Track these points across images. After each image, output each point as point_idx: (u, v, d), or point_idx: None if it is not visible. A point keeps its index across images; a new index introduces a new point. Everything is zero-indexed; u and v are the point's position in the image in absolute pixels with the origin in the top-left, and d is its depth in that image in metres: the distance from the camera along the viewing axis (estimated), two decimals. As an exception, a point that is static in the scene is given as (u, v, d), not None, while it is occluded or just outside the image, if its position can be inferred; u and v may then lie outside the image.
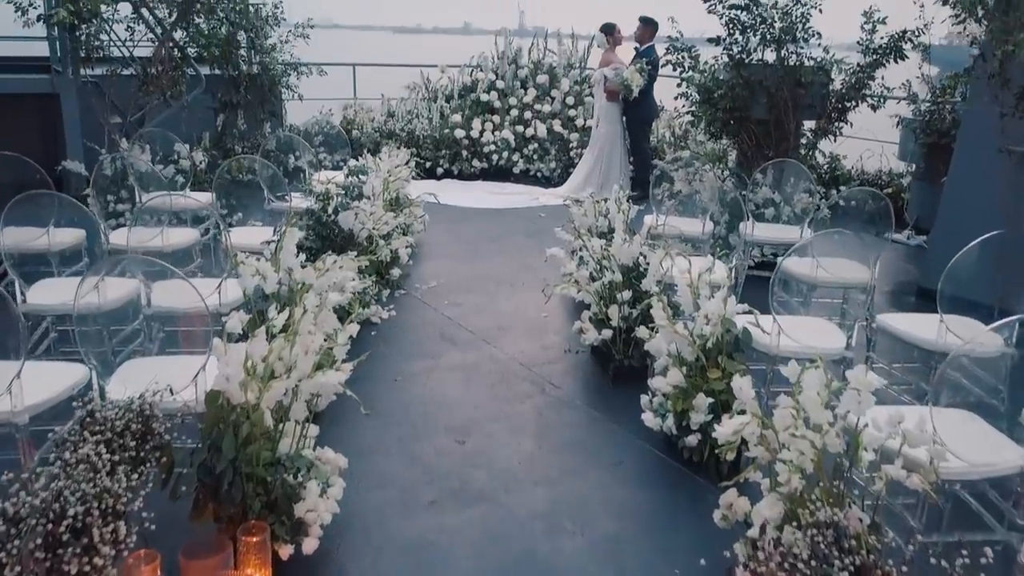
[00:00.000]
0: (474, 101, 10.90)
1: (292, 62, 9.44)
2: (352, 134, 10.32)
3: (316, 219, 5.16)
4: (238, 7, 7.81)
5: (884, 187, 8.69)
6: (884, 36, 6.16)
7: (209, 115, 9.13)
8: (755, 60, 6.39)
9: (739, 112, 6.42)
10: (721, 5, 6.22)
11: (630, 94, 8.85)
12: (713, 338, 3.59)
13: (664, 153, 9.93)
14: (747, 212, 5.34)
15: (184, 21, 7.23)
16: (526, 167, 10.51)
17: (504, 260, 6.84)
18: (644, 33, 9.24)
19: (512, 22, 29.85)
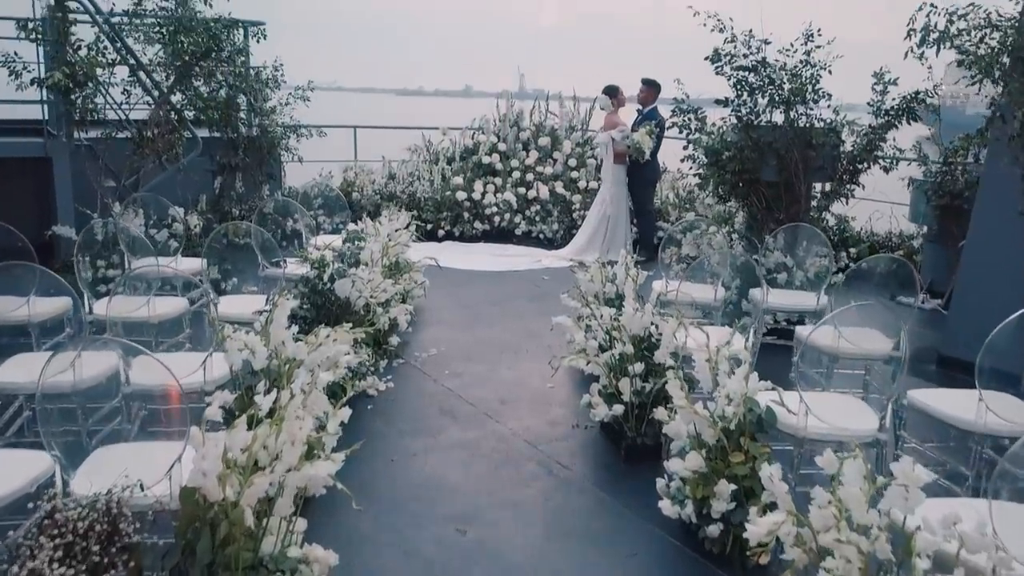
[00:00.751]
0: (476, 163, 10.81)
1: (292, 124, 9.36)
2: (352, 196, 10.20)
3: (311, 287, 4.93)
4: (238, 70, 7.73)
5: (895, 249, 8.52)
6: (896, 97, 6.03)
7: (207, 177, 9.01)
8: (764, 122, 6.25)
9: (748, 174, 6.26)
10: (729, 66, 6.10)
11: (641, 156, 8.74)
12: (735, 419, 3.32)
13: (668, 215, 9.78)
14: (762, 278, 5.12)
15: (182, 84, 7.13)
16: (528, 229, 10.36)
17: (507, 326, 6.60)
18: (647, 95, 9.17)
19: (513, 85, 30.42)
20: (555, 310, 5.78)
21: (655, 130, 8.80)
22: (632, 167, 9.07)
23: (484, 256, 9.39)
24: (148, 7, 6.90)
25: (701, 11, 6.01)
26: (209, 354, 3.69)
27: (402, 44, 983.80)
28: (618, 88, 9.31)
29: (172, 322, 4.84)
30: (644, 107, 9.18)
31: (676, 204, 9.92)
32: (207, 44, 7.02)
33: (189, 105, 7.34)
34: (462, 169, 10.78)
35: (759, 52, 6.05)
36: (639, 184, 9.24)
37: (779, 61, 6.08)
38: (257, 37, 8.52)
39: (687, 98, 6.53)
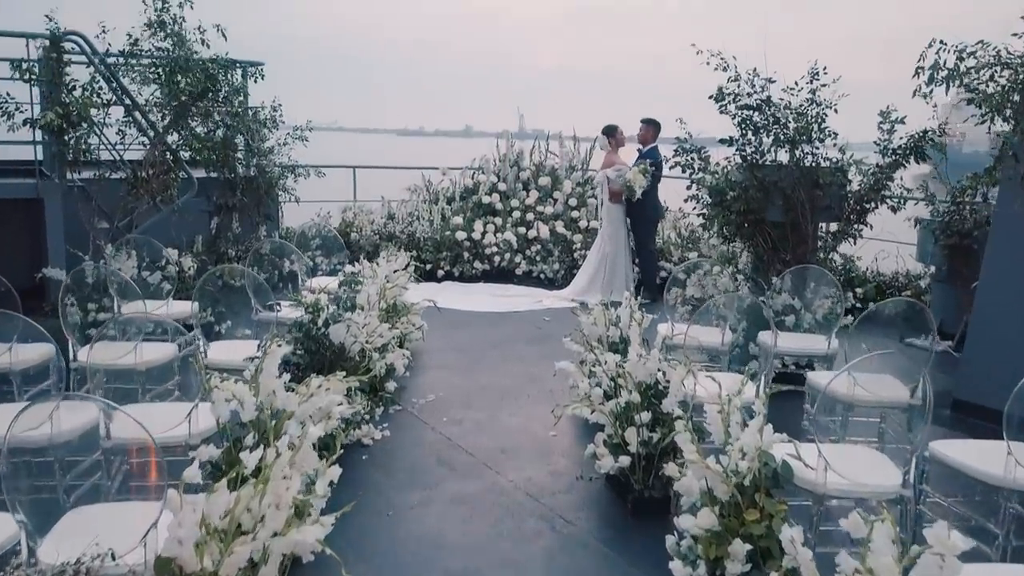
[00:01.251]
0: (476, 203, 10.71)
1: (290, 164, 9.27)
2: (351, 236, 10.08)
3: (305, 332, 4.77)
4: (235, 111, 7.65)
5: (902, 289, 8.37)
6: (903, 136, 5.93)
7: (203, 218, 8.89)
8: (769, 161, 6.13)
9: (753, 214, 6.13)
10: (733, 105, 6.01)
11: (633, 195, 8.64)
12: (750, 474, 3.14)
13: (671, 254, 9.65)
14: (771, 321, 4.95)
15: (179, 125, 7.04)
16: (529, 269, 10.22)
17: (507, 370, 6.42)
18: (646, 134, 9.10)
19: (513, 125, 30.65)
20: (557, 353, 5.62)
21: (649, 169, 8.69)
22: (633, 206, 8.96)
23: (484, 297, 9.24)
24: (144, 47, 6.82)
25: (704, 49, 5.94)
26: (195, 405, 3.51)
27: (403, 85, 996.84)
28: (616, 128, 9.25)
29: (161, 369, 4.66)
30: (644, 146, 9.10)
31: (679, 244, 9.80)
32: (204, 84, 6.94)
33: (185, 145, 7.23)
34: (462, 209, 10.69)
35: (763, 91, 5.96)
36: (640, 223, 9.13)
37: (784, 100, 5.99)
38: (255, 77, 8.46)
39: (690, 137, 6.43)
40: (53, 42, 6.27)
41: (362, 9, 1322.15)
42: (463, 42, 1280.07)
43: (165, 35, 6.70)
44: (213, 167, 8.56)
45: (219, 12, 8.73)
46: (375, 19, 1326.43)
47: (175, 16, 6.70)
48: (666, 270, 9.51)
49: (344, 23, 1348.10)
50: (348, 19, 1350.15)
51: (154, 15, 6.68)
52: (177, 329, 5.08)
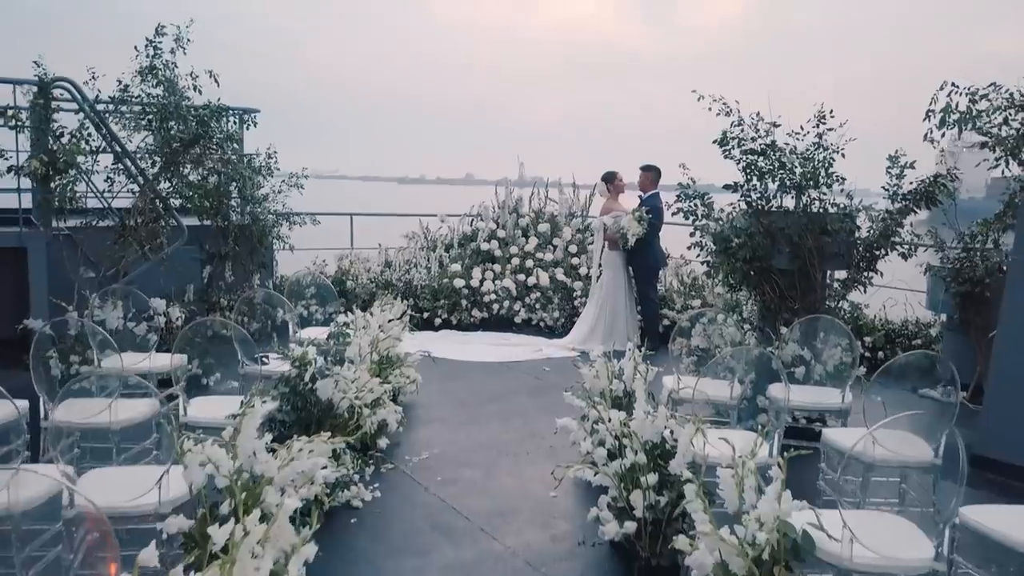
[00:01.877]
0: (474, 250, 10.55)
1: (284, 212, 9.12)
2: (346, 285, 9.88)
3: (291, 388, 4.52)
4: (227, 157, 7.50)
5: (912, 338, 8.14)
6: (912, 181, 5.75)
7: (194, 267, 8.72)
8: (775, 207, 5.95)
9: (760, 262, 5.92)
10: (738, 150, 5.85)
11: (626, 243, 8.47)
12: (768, 547, 2.87)
13: (673, 302, 9.43)
14: (783, 375, 4.71)
15: (169, 172, 6.88)
16: (528, 316, 10.01)
17: (505, 425, 6.15)
18: (646, 180, 8.95)
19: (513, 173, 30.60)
20: (557, 405, 5.37)
21: (645, 216, 8.53)
22: (634, 254, 8.78)
23: (482, 346, 9.01)
24: (135, 93, 6.69)
25: (705, 95, 5.80)
26: (166, 470, 3.26)
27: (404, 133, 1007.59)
28: (615, 174, 9.13)
29: (137, 428, 4.41)
30: (644, 193, 8.96)
31: (681, 292, 9.59)
32: (196, 131, 6.81)
33: (175, 193, 7.06)
34: (460, 256, 10.52)
35: (768, 135, 5.81)
36: (641, 271, 8.94)
37: (789, 144, 5.83)
38: (248, 124, 8.36)
39: (692, 183, 6.27)
40: (41, 88, 6.14)
41: (365, 59, 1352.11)
42: (464, 91, 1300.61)
43: (157, 81, 6.58)
44: (206, 215, 8.41)
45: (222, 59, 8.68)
46: (378, 69, 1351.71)
47: (166, 62, 6.59)
48: (669, 318, 9.29)
49: (347, 73, 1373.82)
50: (351, 69, 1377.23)
51: (146, 61, 6.57)
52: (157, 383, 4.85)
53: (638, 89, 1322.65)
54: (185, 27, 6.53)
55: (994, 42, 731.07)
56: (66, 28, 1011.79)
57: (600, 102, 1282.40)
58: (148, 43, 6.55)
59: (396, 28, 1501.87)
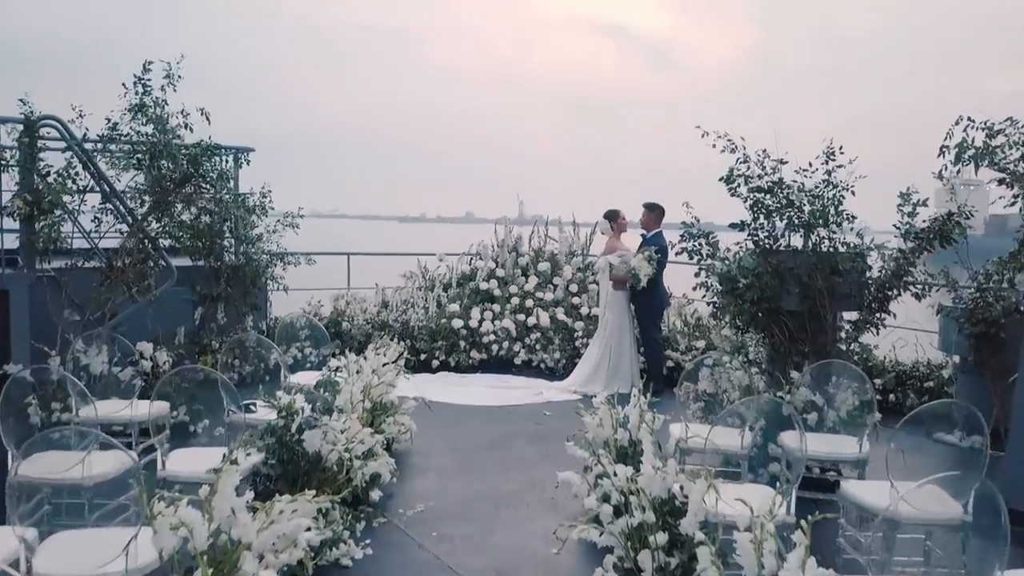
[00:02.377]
0: (473, 290, 10.33)
1: (279, 252, 8.93)
2: (342, 326, 9.64)
3: (277, 439, 4.27)
4: (219, 196, 7.32)
5: (923, 380, 7.89)
6: (926, 220, 5.56)
7: (186, 308, 8.51)
8: (783, 246, 5.75)
9: (768, 303, 5.70)
10: (745, 187, 5.66)
11: (638, 283, 8.24)
12: (793, 622, 2.61)
13: (677, 343, 9.19)
14: (798, 423, 4.45)
15: (159, 211, 6.69)
16: (528, 358, 9.75)
17: (505, 474, 5.88)
18: (649, 219, 8.78)
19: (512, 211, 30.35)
20: (558, 453, 5.12)
21: (655, 256, 8.33)
22: (637, 294, 8.56)
23: (481, 388, 8.75)
24: (124, 131, 6.53)
25: (710, 131, 5.63)
26: (135, 535, 3.00)
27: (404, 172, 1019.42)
28: (618, 212, 8.94)
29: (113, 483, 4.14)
30: (647, 231, 8.78)
31: (685, 332, 9.34)
32: (187, 170, 6.63)
33: (164, 233, 6.85)
34: (458, 296, 10.30)
35: (775, 172, 5.62)
36: (645, 312, 8.71)
37: (797, 182, 5.64)
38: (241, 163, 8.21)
39: (697, 222, 6.06)
40: (27, 127, 5.98)
41: (367, 100, 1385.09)
42: (464, 130, 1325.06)
43: (146, 119, 6.42)
44: (198, 255, 8.23)
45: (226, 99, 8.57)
46: (378, 110, 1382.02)
47: (156, 99, 6.44)
48: (672, 360, 9.05)
49: (347, 113, 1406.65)
50: (352, 109, 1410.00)
51: (135, 98, 6.41)
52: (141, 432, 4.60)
53: (637, 129, 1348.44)
54: (176, 63, 6.39)
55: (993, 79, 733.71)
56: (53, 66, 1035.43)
57: (600, 141, 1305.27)
58: (137, 80, 6.41)
59: (396, 68, 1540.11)
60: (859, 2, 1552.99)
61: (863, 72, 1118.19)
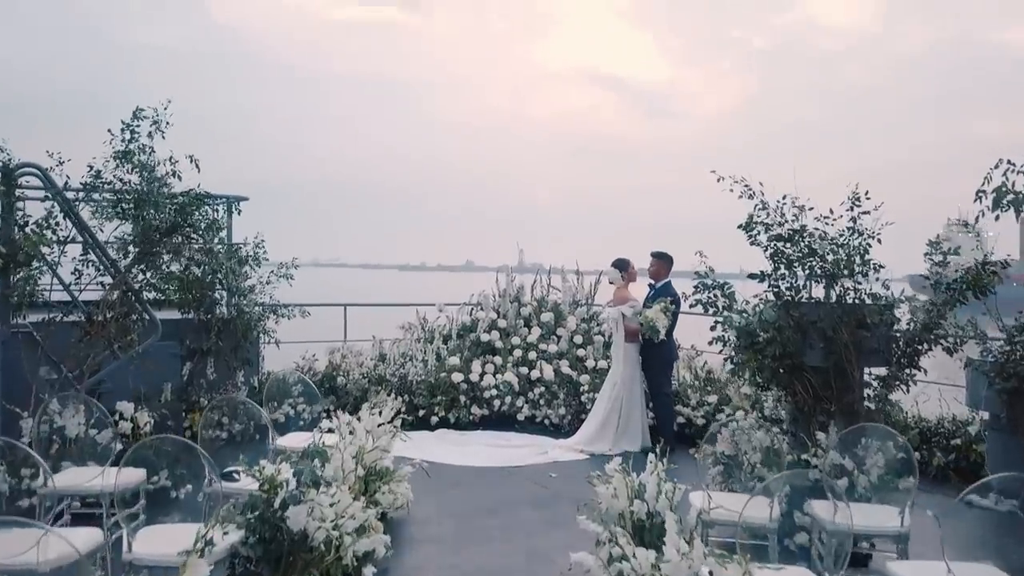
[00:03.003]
0: (474, 342, 9.95)
1: (273, 304, 8.59)
2: (337, 381, 9.24)
3: (259, 515, 3.86)
4: (208, 247, 7.00)
5: (950, 438, 7.47)
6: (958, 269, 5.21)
7: (174, 363, 8.14)
8: (805, 297, 5.39)
9: (791, 359, 5.32)
10: (765, 235, 5.32)
11: (656, 336, 7.86)
12: None
13: (687, 398, 8.77)
14: (835, 491, 4.03)
15: (144, 262, 6.34)
16: (532, 413, 9.34)
17: (508, 544, 5.45)
18: (659, 268, 8.46)
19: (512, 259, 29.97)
20: (567, 520, 4.74)
21: (670, 307, 7.98)
22: (646, 346, 8.19)
23: (482, 447, 8.33)
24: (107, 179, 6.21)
25: (725, 176, 5.32)
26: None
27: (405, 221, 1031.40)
28: (628, 262, 8.59)
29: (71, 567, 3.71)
30: (656, 281, 8.44)
31: (696, 386, 8.93)
32: (174, 219, 6.32)
33: (149, 285, 6.48)
34: (459, 348, 9.91)
35: (796, 220, 5.30)
36: (654, 365, 8.33)
37: (819, 230, 5.31)
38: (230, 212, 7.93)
39: (711, 272, 5.71)
40: (4, 174, 5.68)
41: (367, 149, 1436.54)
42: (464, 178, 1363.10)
43: (132, 166, 6.12)
44: (188, 307, 7.90)
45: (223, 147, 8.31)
46: (379, 159, 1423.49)
47: (143, 146, 6.14)
48: (683, 415, 8.64)
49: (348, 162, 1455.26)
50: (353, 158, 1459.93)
51: (121, 145, 6.12)
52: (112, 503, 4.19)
53: (637, 178, 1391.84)
54: (163, 109, 6.11)
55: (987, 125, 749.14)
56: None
57: (600, 189, 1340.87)
58: (125, 126, 6.13)
59: (396, 118, 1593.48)
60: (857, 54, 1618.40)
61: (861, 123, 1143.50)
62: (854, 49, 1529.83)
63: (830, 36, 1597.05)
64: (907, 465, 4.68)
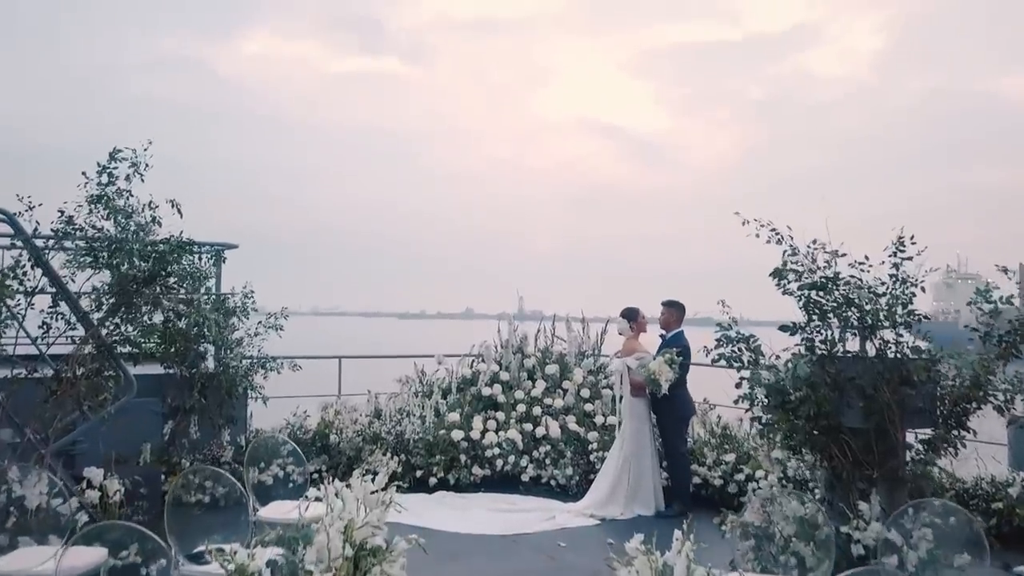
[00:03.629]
0: (475, 396, 9.42)
1: (261, 357, 8.08)
2: (329, 439, 8.67)
3: (228, 612, 3.32)
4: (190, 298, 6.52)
5: (989, 500, 6.90)
6: (1009, 320, 4.73)
7: (155, 422, 7.65)
8: (840, 351, 4.89)
9: (827, 419, 4.80)
10: (796, 283, 4.85)
11: (658, 390, 7.33)
12: None
13: (704, 456, 8.20)
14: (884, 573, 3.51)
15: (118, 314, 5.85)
16: (537, 474, 8.73)
17: (515, 630, 4.86)
18: (670, 317, 7.98)
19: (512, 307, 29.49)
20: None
21: (676, 358, 7.45)
22: (659, 401, 7.64)
23: (484, 512, 7.72)
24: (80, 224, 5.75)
25: (751, 219, 4.88)
26: None
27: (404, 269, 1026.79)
28: (638, 311, 8.09)
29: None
30: (667, 331, 7.95)
31: (712, 443, 8.36)
32: (153, 268, 5.85)
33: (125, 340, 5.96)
34: (459, 403, 9.37)
35: (829, 266, 4.83)
36: (668, 421, 7.79)
37: (855, 277, 4.84)
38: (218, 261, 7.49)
39: (735, 323, 5.22)
40: (-33, 221, 5.24)
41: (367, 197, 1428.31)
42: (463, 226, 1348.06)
43: (108, 211, 5.66)
44: (170, 362, 7.41)
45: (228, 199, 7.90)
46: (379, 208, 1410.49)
47: (120, 190, 5.70)
48: (699, 475, 8.07)
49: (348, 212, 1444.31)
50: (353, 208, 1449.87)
51: (96, 189, 5.68)
52: None
53: (639, 226, 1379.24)
54: (143, 150, 5.67)
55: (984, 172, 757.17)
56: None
57: (600, 237, 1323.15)
58: (102, 169, 5.70)
59: (396, 168, 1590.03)
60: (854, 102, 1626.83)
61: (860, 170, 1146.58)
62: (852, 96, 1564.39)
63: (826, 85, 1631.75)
64: (976, 546, 4.13)
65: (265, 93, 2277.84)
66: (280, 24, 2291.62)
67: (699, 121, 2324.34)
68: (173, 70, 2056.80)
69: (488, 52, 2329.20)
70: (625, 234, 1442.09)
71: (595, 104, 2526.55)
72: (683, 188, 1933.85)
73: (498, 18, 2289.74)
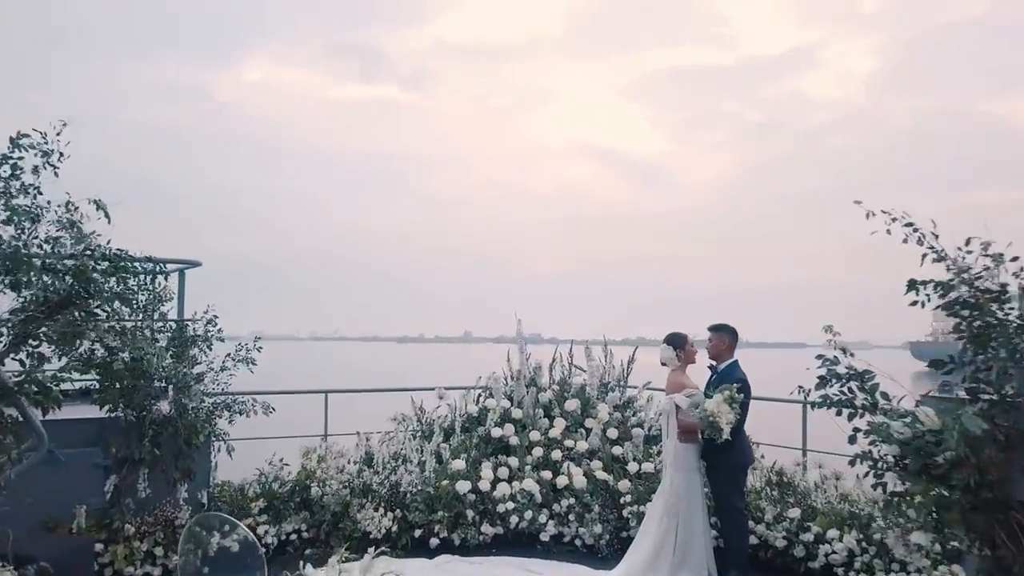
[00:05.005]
0: (482, 438, 8.03)
1: (227, 396, 6.69)
2: (311, 491, 7.27)
3: None
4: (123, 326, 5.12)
5: None
6: None
7: (95, 476, 6.29)
8: (1010, 395, 3.49)
9: (991, 491, 3.40)
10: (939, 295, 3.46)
11: (719, 435, 5.89)
12: None
13: (762, 513, 6.78)
14: None
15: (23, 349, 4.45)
16: (559, 531, 7.34)
17: None
18: (720, 344, 6.58)
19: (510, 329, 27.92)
20: None
21: (737, 396, 6.03)
22: (710, 447, 6.21)
23: (498, 583, 6.34)
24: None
25: (881, 210, 3.52)
26: None
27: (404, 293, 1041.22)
28: (685, 337, 6.62)
29: None
30: (718, 362, 6.56)
31: (772, 497, 6.93)
32: (71, 288, 4.47)
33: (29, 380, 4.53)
34: (464, 446, 7.97)
35: (990, 276, 3.46)
36: (722, 471, 6.34)
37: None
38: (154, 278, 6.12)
39: (846, 355, 3.84)
40: None
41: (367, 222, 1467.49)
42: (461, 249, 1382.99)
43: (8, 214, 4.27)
44: (114, 404, 6.05)
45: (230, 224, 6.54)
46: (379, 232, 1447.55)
47: (25, 185, 4.32)
48: (756, 534, 6.67)
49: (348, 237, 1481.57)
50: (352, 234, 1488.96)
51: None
52: None
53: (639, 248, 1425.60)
54: (56, 134, 4.31)
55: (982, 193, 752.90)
56: None
57: (598, 259, 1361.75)
58: (2, 159, 4.33)
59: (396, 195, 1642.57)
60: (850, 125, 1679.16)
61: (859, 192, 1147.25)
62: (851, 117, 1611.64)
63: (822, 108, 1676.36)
64: None
65: (264, 119, 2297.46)
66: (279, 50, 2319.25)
67: (696, 144, 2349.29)
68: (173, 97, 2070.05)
69: (487, 77, 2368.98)
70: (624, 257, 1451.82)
71: (593, 128, 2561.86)
72: (682, 211, 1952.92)
73: (497, 44, 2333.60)
